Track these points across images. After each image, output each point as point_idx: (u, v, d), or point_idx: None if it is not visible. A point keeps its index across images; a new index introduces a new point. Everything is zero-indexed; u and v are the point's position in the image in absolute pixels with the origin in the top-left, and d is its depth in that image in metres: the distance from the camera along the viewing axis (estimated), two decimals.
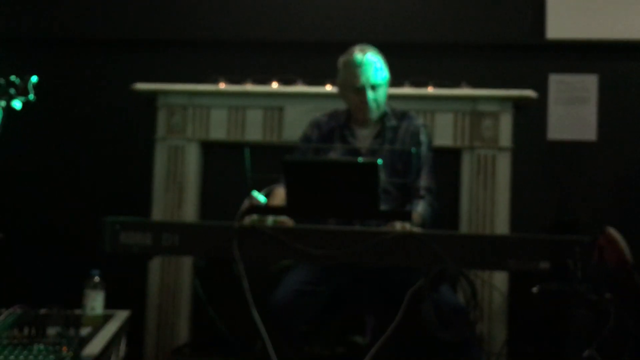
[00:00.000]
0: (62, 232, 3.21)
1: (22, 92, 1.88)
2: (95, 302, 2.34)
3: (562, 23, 3.10)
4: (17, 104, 2.17)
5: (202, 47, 3.30)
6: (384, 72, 2.25)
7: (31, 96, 1.90)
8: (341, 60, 2.27)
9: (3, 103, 2.12)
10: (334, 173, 1.62)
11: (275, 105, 3.13)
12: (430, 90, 3.04)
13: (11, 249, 3.10)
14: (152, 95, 3.17)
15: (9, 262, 3.07)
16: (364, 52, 2.22)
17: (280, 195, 2.08)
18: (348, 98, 2.27)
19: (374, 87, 2.21)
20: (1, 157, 2.58)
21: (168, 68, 3.27)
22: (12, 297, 2.43)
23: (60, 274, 3.05)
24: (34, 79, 1.90)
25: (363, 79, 2.19)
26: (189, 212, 3.13)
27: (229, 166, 3.11)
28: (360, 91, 2.21)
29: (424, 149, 2.28)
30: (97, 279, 2.36)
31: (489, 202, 2.99)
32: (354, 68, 2.20)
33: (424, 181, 2.26)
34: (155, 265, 3.06)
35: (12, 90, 1.89)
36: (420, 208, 2.19)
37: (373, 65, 2.20)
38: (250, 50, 3.27)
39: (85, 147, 3.31)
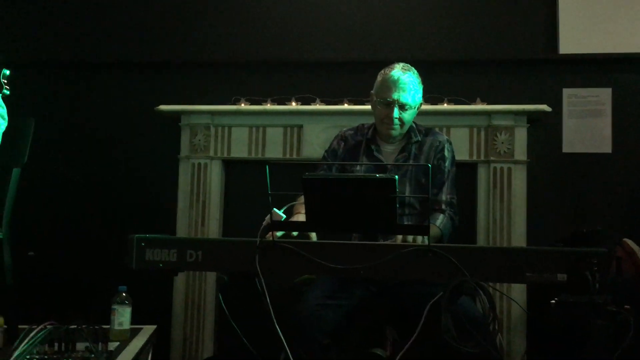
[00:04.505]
0: (90, 249, 3.29)
1: None
2: (123, 317, 2.40)
3: (574, 38, 3.13)
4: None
5: (223, 68, 3.38)
6: (417, 96, 2.28)
7: (6, 90, 1.93)
8: (381, 72, 2.31)
9: None
10: (352, 189, 1.63)
11: (294, 124, 3.20)
12: (445, 106, 3.09)
13: (42, 267, 3.21)
14: (176, 116, 3.26)
15: (40, 279, 3.16)
16: (404, 71, 2.26)
17: (300, 211, 2.13)
18: (376, 110, 2.31)
19: (402, 107, 2.24)
20: (31, 178, 2.66)
21: (191, 89, 3.36)
22: (43, 314, 2.50)
23: (89, 290, 3.13)
24: (6, 72, 1.93)
25: (394, 95, 2.22)
26: (212, 228, 3.20)
27: (251, 183, 3.17)
28: (389, 106, 2.24)
29: (447, 164, 2.32)
30: (124, 294, 2.42)
31: (506, 215, 3.02)
32: (389, 82, 2.24)
33: (445, 195, 2.29)
34: (180, 280, 3.13)
35: None
36: (438, 221, 2.22)
37: (408, 85, 2.24)
38: (270, 71, 3.35)
39: (111, 166, 3.39)
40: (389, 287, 2.13)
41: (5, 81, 1.92)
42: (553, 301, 2.29)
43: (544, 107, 3.02)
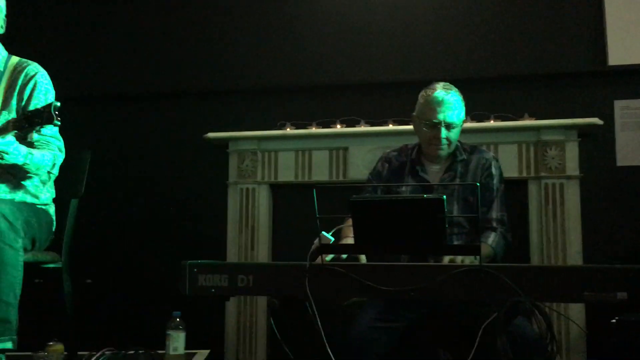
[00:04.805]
0: (145, 275, 3.36)
1: (47, 119, 2.00)
2: (177, 342, 2.46)
3: (623, 49, 3.06)
4: (47, 131, 2.27)
5: (268, 94, 3.45)
6: (462, 113, 2.27)
7: (57, 121, 2.02)
8: (422, 93, 2.29)
9: (35, 136, 2.20)
10: (399, 210, 1.63)
11: (339, 146, 3.22)
12: (492, 122, 3.05)
13: (99, 294, 3.30)
14: (224, 142, 3.33)
15: (98, 307, 3.25)
16: (447, 90, 2.24)
17: (348, 234, 2.13)
18: (421, 132, 2.29)
19: (449, 126, 2.23)
20: (87, 208, 2.75)
21: (237, 116, 3.43)
22: (101, 340, 2.58)
23: (144, 317, 3.19)
24: (57, 104, 2.02)
25: (440, 116, 2.21)
26: (262, 252, 3.22)
27: (298, 207, 3.20)
28: (435, 127, 2.23)
29: (495, 181, 2.29)
30: (178, 320, 2.47)
31: (560, 232, 2.94)
32: (433, 104, 2.22)
33: (495, 213, 2.26)
34: (231, 305, 3.16)
35: (37, 120, 2.02)
36: (490, 240, 2.19)
37: (453, 104, 2.22)
38: (314, 94, 3.39)
39: (163, 194, 3.48)
40: (440, 308, 2.10)
41: (57, 113, 2.01)
42: (613, 320, 2.21)
43: (595, 120, 2.95)
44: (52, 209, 2.44)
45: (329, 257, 1.84)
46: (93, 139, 3.46)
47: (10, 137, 2.11)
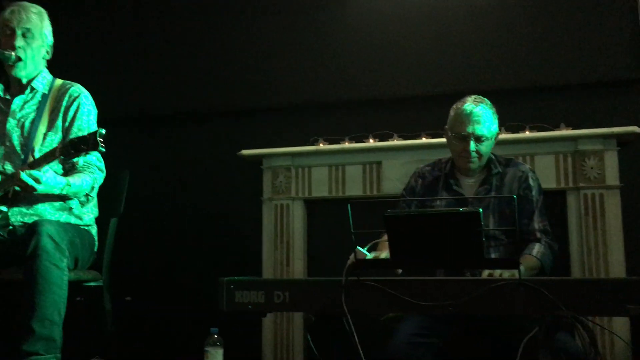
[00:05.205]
0: (182, 293, 3.40)
1: (92, 145, 2.09)
2: (216, 359, 2.46)
3: None
4: (91, 158, 2.39)
5: (300, 110, 3.48)
6: (492, 126, 2.25)
7: (102, 148, 2.10)
8: (453, 106, 2.30)
9: (81, 161, 2.35)
10: (436, 224, 1.61)
11: (373, 160, 3.22)
12: (527, 133, 3.01)
13: (138, 311, 3.35)
14: (258, 159, 3.36)
15: (137, 324, 3.30)
16: (477, 103, 2.24)
17: (384, 249, 2.12)
18: (452, 144, 2.30)
19: (478, 139, 2.22)
20: (126, 226, 2.81)
21: (270, 133, 3.47)
22: (140, 356, 2.61)
23: (183, 333, 3.22)
24: (102, 131, 2.10)
25: (469, 129, 2.21)
26: (297, 268, 3.23)
27: (332, 222, 3.21)
28: (464, 140, 2.23)
29: (534, 192, 2.27)
30: (216, 336, 2.48)
31: (601, 244, 2.87)
32: (462, 116, 2.23)
33: (537, 223, 2.24)
34: (268, 321, 3.16)
35: (83, 147, 2.10)
36: (535, 251, 2.16)
37: (482, 117, 2.22)
38: (347, 110, 3.41)
39: (199, 211, 3.53)
40: (479, 323, 2.07)
41: (102, 139, 2.09)
42: None
43: (635, 129, 2.88)
44: (94, 230, 2.51)
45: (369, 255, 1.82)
46: (131, 158, 3.53)
47: (50, 172, 2.19)
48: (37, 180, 2.14)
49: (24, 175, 2.12)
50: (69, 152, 2.13)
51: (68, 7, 3.58)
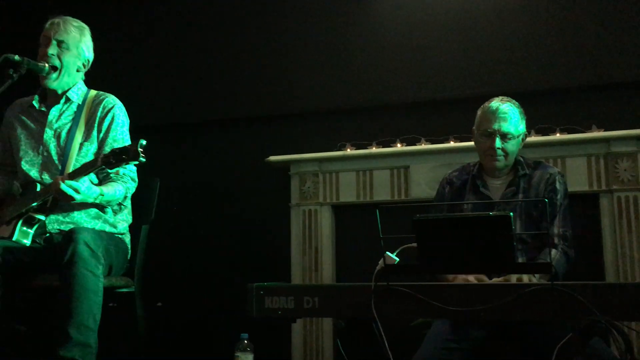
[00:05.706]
0: (213, 298, 3.42)
1: (133, 156, 2.12)
2: None
3: None
4: (131, 168, 2.43)
5: (327, 116, 3.48)
6: (519, 125, 2.25)
7: (142, 158, 2.13)
8: (481, 107, 2.33)
9: (122, 170, 2.39)
10: (465, 228, 1.60)
11: (401, 165, 3.21)
12: (558, 136, 2.97)
13: (169, 317, 3.38)
14: (285, 165, 3.37)
15: (168, 329, 3.33)
16: (503, 101, 2.26)
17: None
18: (478, 143, 2.30)
19: (504, 137, 2.22)
20: (157, 233, 2.84)
21: (298, 139, 3.47)
22: None
23: (213, 338, 3.25)
24: (143, 142, 2.13)
25: (495, 126, 2.22)
26: (326, 274, 3.23)
27: (361, 227, 3.20)
28: (490, 137, 2.23)
29: (559, 196, 2.24)
30: (246, 342, 2.50)
31: (636, 247, 2.81)
32: (489, 114, 2.25)
33: (557, 228, 2.21)
34: (298, 327, 3.17)
35: (124, 157, 2.13)
36: (549, 258, 2.13)
37: (508, 114, 2.23)
38: (373, 114, 3.40)
39: (228, 217, 3.55)
40: (511, 328, 2.04)
41: (142, 150, 2.12)
42: None
43: None
44: (127, 238, 2.55)
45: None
46: (161, 166, 3.57)
47: (87, 182, 2.24)
48: (76, 191, 2.19)
49: (63, 186, 2.16)
50: (110, 162, 2.17)
51: (103, 18, 3.64)
